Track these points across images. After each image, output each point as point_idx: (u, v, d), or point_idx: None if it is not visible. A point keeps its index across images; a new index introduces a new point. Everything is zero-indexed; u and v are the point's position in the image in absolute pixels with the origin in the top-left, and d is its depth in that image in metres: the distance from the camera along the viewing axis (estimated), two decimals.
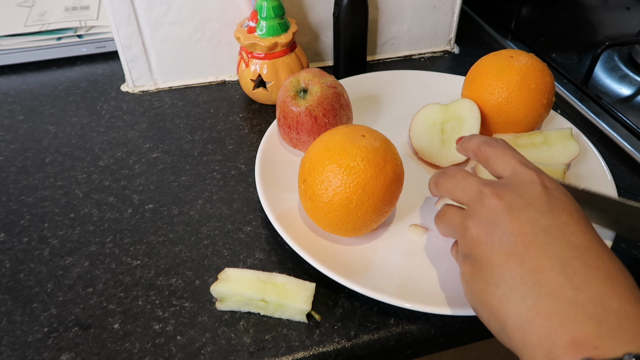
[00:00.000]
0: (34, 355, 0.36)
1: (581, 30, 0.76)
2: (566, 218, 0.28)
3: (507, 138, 0.49)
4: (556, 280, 0.26)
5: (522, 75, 0.47)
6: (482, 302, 0.29)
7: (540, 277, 0.26)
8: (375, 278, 0.39)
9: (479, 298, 0.29)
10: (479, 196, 0.31)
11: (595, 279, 0.26)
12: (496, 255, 0.28)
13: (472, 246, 0.30)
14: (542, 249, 0.27)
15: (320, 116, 0.46)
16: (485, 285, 0.29)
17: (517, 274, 0.27)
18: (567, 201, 0.30)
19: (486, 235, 0.29)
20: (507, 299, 0.27)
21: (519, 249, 0.28)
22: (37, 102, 0.61)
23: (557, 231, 0.28)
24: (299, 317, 0.38)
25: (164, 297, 0.40)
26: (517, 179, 0.31)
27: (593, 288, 0.25)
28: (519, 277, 0.27)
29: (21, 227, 0.46)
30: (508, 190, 0.30)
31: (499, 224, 0.29)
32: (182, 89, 0.64)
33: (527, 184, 0.30)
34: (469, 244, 0.31)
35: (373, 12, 0.65)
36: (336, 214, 0.38)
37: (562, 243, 0.27)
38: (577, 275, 0.26)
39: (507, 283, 0.27)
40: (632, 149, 0.52)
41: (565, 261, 0.26)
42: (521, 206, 0.29)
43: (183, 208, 0.47)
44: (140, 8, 0.57)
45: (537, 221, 0.28)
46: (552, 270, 0.26)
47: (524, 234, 0.28)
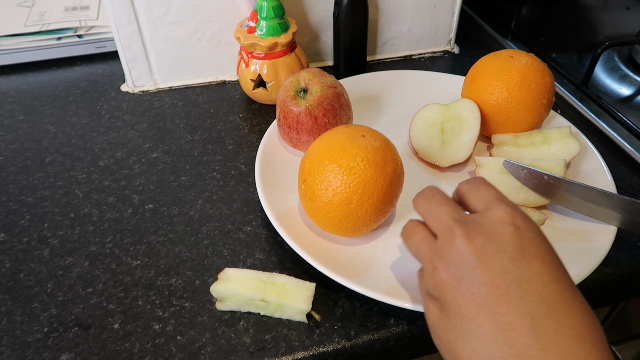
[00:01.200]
0: (34, 355, 0.36)
1: (581, 30, 0.76)
2: (538, 266, 0.28)
3: (507, 138, 0.49)
4: (525, 341, 0.26)
5: (522, 75, 0.47)
6: (450, 351, 0.29)
7: (510, 335, 0.26)
8: (375, 278, 0.39)
9: (447, 347, 0.29)
10: (448, 234, 0.30)
11: (564, 338, 0.26)
12: (466, 307, 0.28)
13: (440, 290, 0.29)
14: (514, 303, 0.27)
15: (320, 116, 0.46)
16: (454, 336, 0.28)
17: (488, 330, 0.27)
18: (540, 244, 0.29)
19: (456, 282, 0.29)
20: (477, 355, 0.27)
21: (490, 302, 0.27)
22: (37, 102, 0.61)
23: (528, 284, 0.27)
24: (299, 317, 0.38)
25: (164, 297, 0.40)
26: (489, 217, 0.30)
27: (561, 349, 0.25)
28: (489, 334, 0.27)
29: (21, 227, 0.46)
30: (479, 232, 0.29)
31: (470, 271, 0.28)
32: (182, 89, 0.64)
33: (499, 224, 0.29)
34: (437, 287, 0.30)
35: (373, 12, 0.65)
36: (336, 214, 0.38)
37: (533, 297, 0.27)
38: (546, 334, 0.26)
39: (477, 340, 0.27)
40: (632, 149, 0.52)
41: (536, 319, 0.26)
42: (492, 252, 0.28)
43: (183, 208, 0.47)
44: (140, 8, 0.57)
45: (509, 271, 0.27)
46: (523, 329, 0.26)
47: (495, 285, 0.27)
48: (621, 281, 0.42)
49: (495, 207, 0.30)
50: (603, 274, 0.42)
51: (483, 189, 0.32)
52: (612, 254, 0.43)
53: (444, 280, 0.29)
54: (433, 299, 0.30)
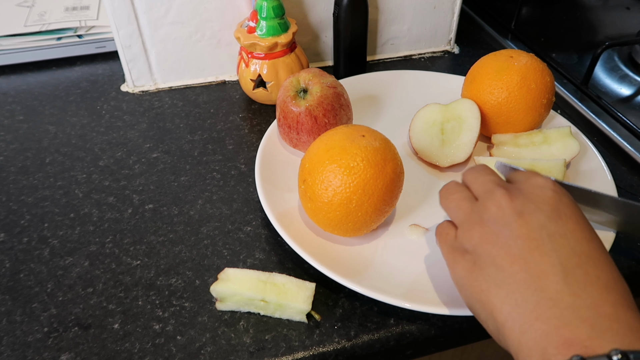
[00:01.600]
0: (34, 355, 0.36)
1: (581, 30, 0.76)
2: (573, 225, 0.30)
3: (507, 138, 0.49)
4: (557, 287, 0.27)
5: (522, 75, 0.47)
6: (482, 300, 0.30)
7: (542, 282, 0.28)
8: (375, 278, 0.39)
9: (479, 296, 0.30)
10: (491, 193, 0.32)
11: (593, 286, 0.27)
12: (502, 257, 0.29)
13: (477, 242, 0.31)
14: (547, 255, 0.28)
15: (320, 116, 0.46)
16: (487, 285, 0.30)
17: (522, 277, 0.28)
18: (575, 209, 0.31)
19: (494, 235, 0.30)
20: (510, 300, 0.28)
21: (525, 253, 0.29)
22: (37, 102, 0.61)
23: (562, 238, 0.29)
24: (299, 317, 0.38)
25: (164, 297, 0.40)
26: (529, 182, 0.32)
27: (590, 295, 0.27)
28: (522, 281, 0.28)
29: (21, 227, 0.46)
30: (519, 193, 0.32)
31: (508, 225, 0.30)
32: (182, 89, 0.64)
33: (539, 188, 0.32)
34: (473, 239, 0.31)
35: (373, 12, 0.65)
36: (336, 214, 0.38)
37: (566, 250, 0.29)
38: (577, 282, 0.27)
39: (510, 286, 0.29)
40: (632, 149, 0.52)
41: (568, 269, 0.28)
42: (531, 210, 0.30)
43: (183, 208, 0.47)
44: (140, 8, 0.57)
45: (545, 227, 0.29)
46: (555, 276, 0.28)
47: (531, 238, 0.29)
48: None
49: (535, 176, 0.33)
50: None
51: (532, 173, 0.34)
52: (611, 254, 0.43)
53: (481, 235, 0.31)
54: (465, 254, 0.32)
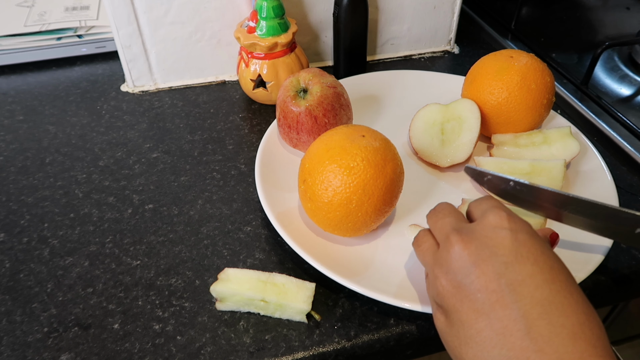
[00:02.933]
0: (34, 355, 0.36)
1: (581, 30, 0.76)
2: (531, 268, 0.28)
3: (507, 138, 0.49)
4: (522, 344, 0.27)
5: (522, 75, 0.47)
6: (457, 357, 0.30)
7: (507, 340, 0.27)
8: (375, 278, 0.39)
9: (455, 353, 0.30)
10: (446, 242, 0.32)
11: (558, 337, 0.26)
12: (466, 313, 0.29)
13: (442, 297, 0.31)
14: (509, 308, 0.28)
15: (320, 116, 0.46)
16: (459, 342, 0.29)
17: (487, 335, 0.28)
18: (532, 245, 0.30)
19: (455, 288, 0.30)
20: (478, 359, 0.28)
21: (487, 308, 0.28)
22: (37, 102, 0.61)
23: (522, 286, 0.28)
24: (299, 317, 0.38)
25: (164, 297, 0.40)
26: (483, 223, 0.31)
27: (555, 349, 0.26)
28: (488, 340, 0.28)
29: (21, 227, 0.46)
30: (473, 238, 0.30)
31: (466, 277, 0.29)
32: (182, 89, 0.64)
33: (492, 229, 0.30)
34: (439, 295, 0.31)
35: (373, 12, 0.65)
36: (336, 214, 0.38)
37: (527, 300, 0.28)
38: (541, 336, 0.27)
39: (478, 345, 0.28)
40: (632, 149, 0.52)
41: (531, 322, 0.27)
42: (486, 257, 0.29)
43: (183, 208, 0.47)
44: (140, 8, 0.57)
45: (502, 275, 0.28)
46: (518, 332, 0.27)
47: (490, 290, 0.28)
48: (621, 281, 0.42)
49: (489, 213, 0.31)
50: (603, 274, 0.42)
51: (484, 201, 0.34)
52: (612, 254, 0.43)
53: (444, 288, 0.31)
54: (439, 307, 0.32)
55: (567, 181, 0.47)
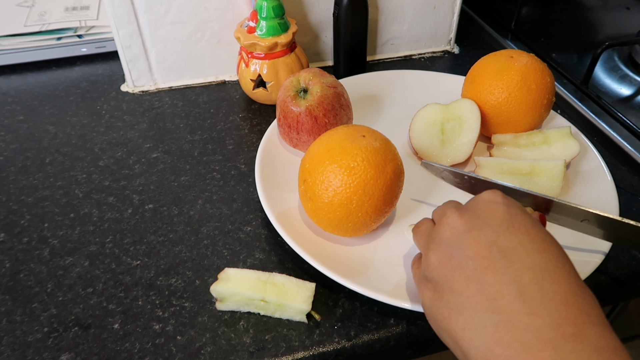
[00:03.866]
0: (34, 355, 0.36)
1: (581, 30, 0.76)
2: (522, 237, 0.29)
3: (507, 138, 0.49)
4: (513, 307, 0.26)
5: (522, 75, 0.47)
6: (446, 329, 0.29)
7: (498, 303, 0.27)
8: (375, 278, 0.39)
9: (443, 325, 0.30)
10: (443, 215, 0.32)
11: (550, 303, 0.26)
12: (457, 281, 0.29)
13: (433, 269, 0.31)
14: (500, 273, 0.28)
15: (320, 116, 0.46)
16: (448, 312, 0.29)
17: (478, 300, 0.28)
18: (524, 218, 0.30)
19: (447, 257, 0.30)
20: (470, 326, 0.28)
21: (478, 274, 0.28)
22: (37, 102, 0.61)
23: (513, 253, 0.28)
24: (299, 317, 0.38)
25: (164, 297, 0.40)
26: (477, 199, 0.32)
27: (548, 313, 0.26)
28: (479, 304, 0.28)
29: (21, 227, 0.46)
30: (467, 209, 0.31)
31: (457, 245, 0.30)
32: (182, 89, 0.64)
33: (485, 203, 0.31)
34: (430, 266, 0.31)
35: (373, 12, 0.65)
36: (336, 214, 0.38)
37: (518, 266, 0.28)
38: (533, 300, 0.26)
39: (468, 311, 0.28)
40: (632, 149, 0.52)
41: (522, 286, 0.27)
42: (478, 226, 0.30)
43: (183, 208, 0.47)
44: (140, 8, 0.57)
45: (494, 243, 0.29)
46: (510, 296, 0.27)
47: (481, 256, 0.29)
48: (621, 281, 0.42)
49: (484, 193, 0.33)
50: (603, 274, 0.42)
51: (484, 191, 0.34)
52: (612, 253, 0.43)
53: (437, 259, 0.31)
54: (427, 282, 0.32)
55: (567, 181, 0.47)
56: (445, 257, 0.30)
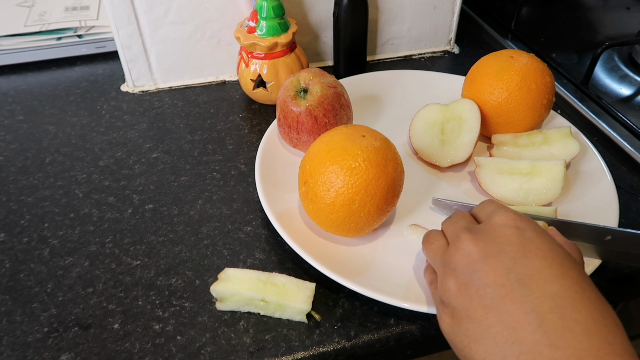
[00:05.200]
0: (34, 355, 0.36)
1: (581, 30, 0.76)
2: (539, 263, 0.28)
3: (507, 138, 0.49)
4: (534, 338, 0.26)
5: (522, 75, 0.47)
6: (467, 357, 0.29)
7: (518, 334, 0.26)
8: (375, 278, 0.39)
9: (463, 353, 0.29)
10: (457, 239, 0.32)
11: (571, 333, 0.26)
12: (475, 309, 0.29)
13: (450, 295, 0.30)
14: (519, 302, 0.27)
15: (320, 116, 0.46)
16: (468, 341, 0.29)
17: (498, 330, 0.27)
18: (541, 242, 0.29)
19: (464, 285, 0.30)
20: (491, 357, 0.27)
21: (496, 302, 0.28)
22: (37, 102, 0.61)
23: (531, 281, 0.28)
24: (299, 317, 0.38)
25: (164, 297, 0.40)
26: (491, 223, 0.31)
27: (569, 345, 0.25)
28: (499, 334, 0.27)
29: (21, 227, 0.46)
30: (482, 236, 0.31)
31: (475, 273, 0.29)
32: (182, 89, 0.64)
33: (499, 227, 0.31)
34: (447, 293, 0.31)
35: (373, 12, 0.65)
36: (339, 215, 0.38)
37: (537, 294, 0.27)
38: (553, 330, 0.26)
39: (488, 341, 0.28)
40: (632, 149, 0.52)
41: (542, 315, 0.26)
42: (494, 253, 0.29)
43: (183, 208, 0.47)
44: (140, 8, 0.57)
45: (512, 270, 0.28)
46: (530, 326, 0.26)
47: (499, 284, 0.28)
48: (621, 281, 0.42)
49: (497, 214, 0.32)
50: (603, 274, 0.42)
51: (487, 204, 0.34)
52: None
53: (453, 285, 0.30)
54: (445, 307, 0.31)
55: (567, 181, 0.47)
56: (462, 284, 0.30)
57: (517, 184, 0.44)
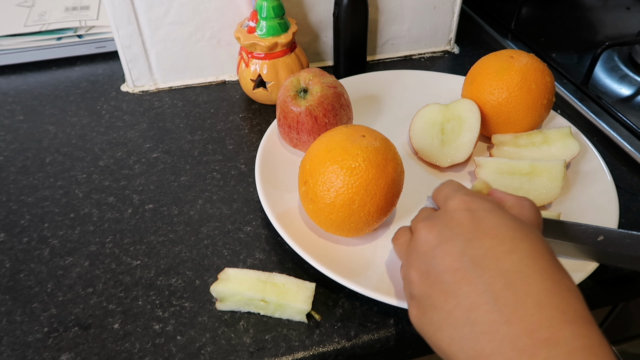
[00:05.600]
0: (34, 355, 0.36)
1: (581, 30, 0.76)
2: (491, 242, 0.28)
3: (507, 138, 0.49)
4: (490, 317, 0.26)
5: (522, 75, 0.47)
6: (435, 345, 0.29)
7: (475, 315, 0.27)
8: (375, 278, 0.39)
9: (431, 342, 0.30)
10: (417, 229, 0.32)
11: (524, 307, 0.26)
12: (436, 297, 0.29)
13: (414, 286, 0.31)
14: (474, 283, 0.27)
15: (320, 116, 0.46)
16: (434, 330, 0.29)
17: (457, 315, 0.28)
18: (491, 220, 0.30)
19: (425, 274, 0.30)
20: (454, 342, 0.28)
21: (454, 287, 0.28)
22: (37, 102, 0.61)
23: (484, 260, 0.28)
24: (299, 317, 0.38)
25: (164, 297, 0.40)
26: (445, 208, 0.32)
27: (522, 319, 0.26)
28: (459, 319, 0.27)
29: (21, 227, 0.46)
30: (437, 222, 0.31)
31: (433, 260, 0.30)
32: (182, 89, 0.64)
33: (453, 211, 0.31)
34: (411, 284, 0.31)
35: (373, 12, 0.65)
36: (339, 214, 0.38)
37: (491, 274, 0.27)
38: (507, 307, 0.26)
39: (450, 326, 0.28)
40: (632, 149, 0.52)
41: (496, 293, 0.27)
42: (448, 238, 0.30)
43: (183, 208, 0.47)
44: (140, 8, 0.57)
45: (465, 253, 0.29)
46: (485, 305, 0.27)
47: (455, 269, 0.28)
48: (621, 281, 0.42)
49: (449, 199, 0.32)
50: (603, 274, 0.41)
51: (444, 186, 0.35)
52: None
53: (415, 275, 0.31)
54: (411, 299, 0.32)
55: (567, 181, 0.47)
56: (423, 273, 0.30)
57: (517, 184, 0.44)
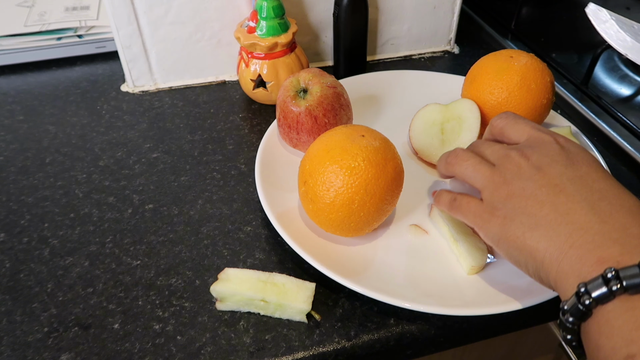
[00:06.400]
0: (34, 355, 0.36)
1: (581, 30, 0.76)
2: (587, 169, 0.33)
3: None
4: (585, 218, 0.30)
5: (522, 75, 0.47)
6: (519, 247, 0.33)
7: (572, 217, 0.31)
8: (375, 278, 0.39)
9: (515, 244, 0.33)
10: (507, 157, 0.36)
11: (619, 212, 0.30)
12: (532, 205, 0.32)
13: (505, 198, 0.34)
14: (571, 195, 0.32)
15: (320, 116, 0.46)
16: (522, 231, 0.32)
17: (553, 217, 0.31)
18: (584, 155, 0.34)
19: (520, 189, 0.34)
20: (545, 238, 0.31)
21: (551, 197, 0.32)
22: (37, 102, 0.61)
23: (581, 180, 0.32)
24: (299, 317, 0.38)
25: (164, 297, 0.40)
26: (536, 141, 0.36)
27: (617, 219, 0.30)
28: (554, 220, 0.31)
29: (21, 227, 0.46)
30: (533, 152, 0.35)
31: (530, 179, 0.33)
32: (182, 89, 0.64)
33: (547, 144, 0.35)
34: (502, 196, 0.34)
35: (373, 12, 0.65)
36: (338, 214, 0.38)
37: (587, 190, 0.32)
38: (603, 211, 0.30)
39: (543, 226, 0.31)
40: (632, 149, 0.52)
41: (592, 202, 0.31)
42: (547, 163, 0.34)
43: (183, 208, 0.47)
44: (140, 8, 0.57)
45: (563, 174, 0.33)
46: (582, 210, 0.31)
47: (553, 184, 0.33)
48: None
49: (539, 134, 0.36)
50: None
51: (520, 122, 0.38)
52: None
53: (509, 191, 0.34)
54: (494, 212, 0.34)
55: None
56: (517, 189, 0.33)
57: None
